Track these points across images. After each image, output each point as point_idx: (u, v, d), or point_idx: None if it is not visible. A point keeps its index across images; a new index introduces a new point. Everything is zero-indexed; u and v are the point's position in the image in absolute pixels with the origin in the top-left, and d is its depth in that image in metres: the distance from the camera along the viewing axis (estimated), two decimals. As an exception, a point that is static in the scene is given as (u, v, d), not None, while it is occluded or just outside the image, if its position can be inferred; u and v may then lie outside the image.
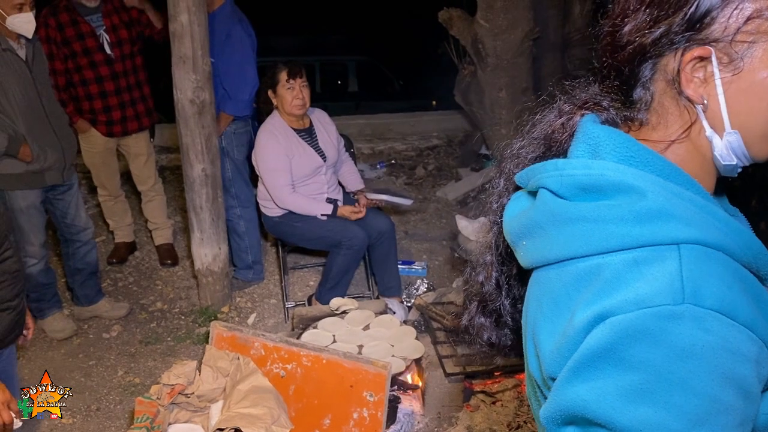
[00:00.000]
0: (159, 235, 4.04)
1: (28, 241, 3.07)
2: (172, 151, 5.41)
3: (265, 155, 3.25)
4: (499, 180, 0.92)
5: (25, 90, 2.88)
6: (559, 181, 0.74)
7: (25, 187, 2.97)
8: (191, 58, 3.03)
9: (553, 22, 4.49)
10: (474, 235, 3.07)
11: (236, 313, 3.55)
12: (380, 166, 5.51)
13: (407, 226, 4.49)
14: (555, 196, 0.75)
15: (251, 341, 2.36)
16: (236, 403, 2.10)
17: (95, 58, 3.49)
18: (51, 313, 3.30)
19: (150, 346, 3.27)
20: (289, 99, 3.23)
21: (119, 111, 3.60)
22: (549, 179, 0.76)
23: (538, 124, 0.89)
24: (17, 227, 3.02)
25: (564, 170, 0.74)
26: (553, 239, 0.74)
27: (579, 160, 0.76)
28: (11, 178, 2.92)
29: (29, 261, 3.09)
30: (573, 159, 0.78)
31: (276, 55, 7.44)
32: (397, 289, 3.46)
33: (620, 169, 0.71)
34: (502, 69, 4.15)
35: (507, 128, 4.42)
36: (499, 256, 0.91)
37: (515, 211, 0.83)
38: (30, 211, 3.03)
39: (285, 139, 3.25)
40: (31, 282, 3.15)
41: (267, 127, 3.30)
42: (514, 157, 0.89)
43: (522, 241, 0.80)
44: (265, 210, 3.40)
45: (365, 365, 2.28)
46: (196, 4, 2.97)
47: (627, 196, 0.69)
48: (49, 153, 2.97)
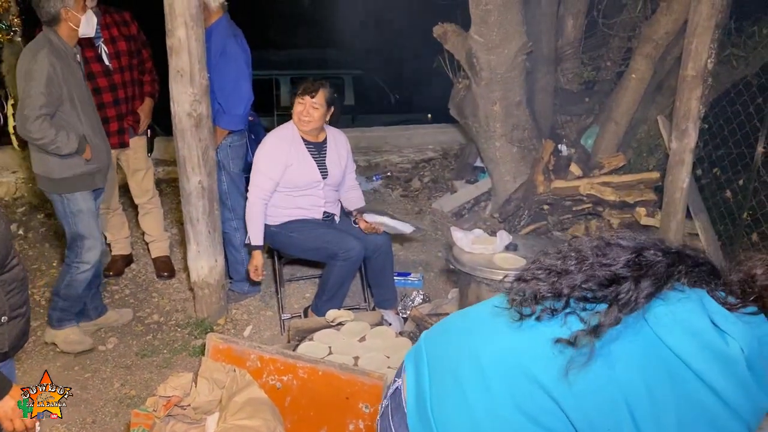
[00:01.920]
0: (156, 248, 4.05)
1: (88, 246, 3.10)
2: (168, 163, 5.43)
3: (261, 156, 3.28)
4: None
5: (83, 92, 2.97)
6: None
7: (83, 188, 3.03)
8: (188, 72, 3.07)
9: (546, 37, 4.54)
10: (469, 247, 3.09)
11: (232, 325, 3.56)
12: (376, 178, 5.54)
13: (403, 238, 4.51)
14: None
15: (247, 353, 2.37)
16: (232, 415, 2.10)
17: (93, 69, 3.51)
18: (70, 325, 3.28)
19: (146, 358, 3.27)
20: (297, 111, 3.28)
21: (116, 122, 3.61)
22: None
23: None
24: (76, 232, 3.06)
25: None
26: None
27: None
28: (72, 180, 2.99)
29: (82, 267, 3.12)
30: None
31: (273, 69, 7.51)
32: (392, 301, 3.48)
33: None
34: (496, 83, 4.19)
35: (501, 141, 4.46)
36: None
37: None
38: (90, 214, 3.08)
39: (290, 147, 3.28)
40: (72, 290, 3.17)
41: (278, 131, 3.37)
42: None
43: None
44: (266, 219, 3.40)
45: (361, 377, 2.29)
46: (193, 18, 3.01)
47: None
48: (101, 154, 3.05)
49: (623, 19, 4.56)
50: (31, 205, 4.89)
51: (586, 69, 4.85)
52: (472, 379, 1.14)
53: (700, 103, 3.39)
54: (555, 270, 1.13)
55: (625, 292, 1.03)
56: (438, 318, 3.34)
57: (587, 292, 1.07)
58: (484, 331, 1.20)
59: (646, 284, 1.03)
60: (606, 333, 1.01)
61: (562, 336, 1.05)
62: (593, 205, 4.22)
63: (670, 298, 1.03)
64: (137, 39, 3.73)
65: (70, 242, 3.13)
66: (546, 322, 1.10)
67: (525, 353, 1.10)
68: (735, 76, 4.19)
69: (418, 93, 7.86)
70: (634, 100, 4.33)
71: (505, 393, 1.09)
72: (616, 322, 1.01)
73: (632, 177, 4.16)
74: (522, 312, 1.13)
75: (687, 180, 3.48)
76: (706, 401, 0.96)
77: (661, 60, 4.23)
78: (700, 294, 1.04)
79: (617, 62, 4.73)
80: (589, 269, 1.09)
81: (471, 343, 1.19)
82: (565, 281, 1.10)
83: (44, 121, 2.80)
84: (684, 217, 3.60)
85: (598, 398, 1.01)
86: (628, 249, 1.08)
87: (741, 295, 1.05)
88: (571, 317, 1.07)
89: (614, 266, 1.07)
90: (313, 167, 3.31)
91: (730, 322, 1.00)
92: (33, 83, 2.77)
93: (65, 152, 2.90)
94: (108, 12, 3.61)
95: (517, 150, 4.50)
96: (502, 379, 1.10)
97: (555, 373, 1.04)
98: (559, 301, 1.09)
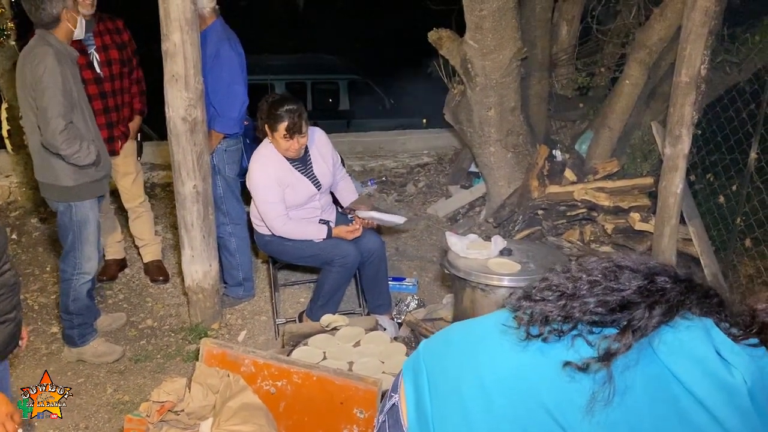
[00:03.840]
0: (147, 252, 4.03)
1: (88, 256, 3.06)
2: (163, 168, 5.42)
3: (257, 187, 3.21)
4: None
5: (85, 98, 2.96)
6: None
7: (91, 195, 3.00)
8: (183, 76, 3.06)
9: (540, 43, 4.56)
10: (463, 252, 3.10)
11: (226, 330, 3.55)
12: (371, 183, 5.55)
13: (398, 242, 4.51)
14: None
15: (241, 358, 2.36)
16: (226, 420, 2.10)
17: (84, 76, 3.47)
18: (93, 338, 3.25)
19: (140, 363, 3.26)
20: (283, 147, 3.16)
21: (106, 130, 3.58)
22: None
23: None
24: (79, 241, 3.01)
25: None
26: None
27: None
28: (82, 187, 2.96)
29: (83, 278, 3.08)
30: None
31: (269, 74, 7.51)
32: (387, 306, 3.48)
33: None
34: (491, 88, 4.20)
35: (496, 146, 4.47)
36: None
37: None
38: (95, 223, 3.05)
39: (277, 170, 3.19)
40: (80, 302, 3.12)
41: (259, 157, 3.23)
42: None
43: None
44: (257, 228, 3.40)
45: (355, 382, 2.29)
46: (188, 23, 3.01)
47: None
48: (105, 159, 3.04)
49: (617, 26, 4.59)
50: (24, 210, 4.87)
51: (580, 75, 4.87)
52: (474, 399, 1.12)
53: (694, 109, 3.40)
54: (566, 292, 1.12)
55: (638, 319, 1.03)
56: (433, 323, 3.34)
57: (596, 316, 1.07)
58: (488, 348, 1.18)
59: (658, 311, 1.03)
60: (618, 359, 1.01)
61: (571, 360, 1.04)
62: (588, 210, 4.23)
63: (678, 326, 1.04)
64: (129, 47, 3.73)
65: (66, 254, 3.06)
66: (552, 344, 1.09)
67: (531, 375, 1.09)
68: (728, 82, 4.22)
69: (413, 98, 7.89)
70: (628, 106, 4.35)
71: (508, 414, 1.08)
72: (627, 349, 1.02)
73: (626, 182, 4.17)
74: (529, 332, 1.11)
75: (681, 185, 3.49)
76: (707, 430, 0.97)
77: (654, 66, 4.25)
78: (706, 323, 1.05)
79: (611, 68, 4.75)
80: (600, 293, 1.09)
81: (474, 361, 1.18)
82: (577, 305, 1.09)
83: (70, 131, 2.77)
84: (678, 222, 3.61)
85: (607, 426, 1.01)
86: (639, 273, 1.09)
87: (744, 327, 1.06)
88: (578, 340, 1.07)
89: (625, 291, 1.07)
90: (306, 183, 3.26)
91: (735, 353, 1.00)
92: (49, 92, 2.72)
93: (85, 162, 2.87)
94: (101, 19, 3.59)
95: (511, 155, 4.51)
96: (505, 400, 1.09)
97: (567, 401, 1.03)
98: (567, 324, 1.09)
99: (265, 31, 9.27)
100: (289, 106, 3.10)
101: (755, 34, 4.04)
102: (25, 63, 2.79)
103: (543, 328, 1.10)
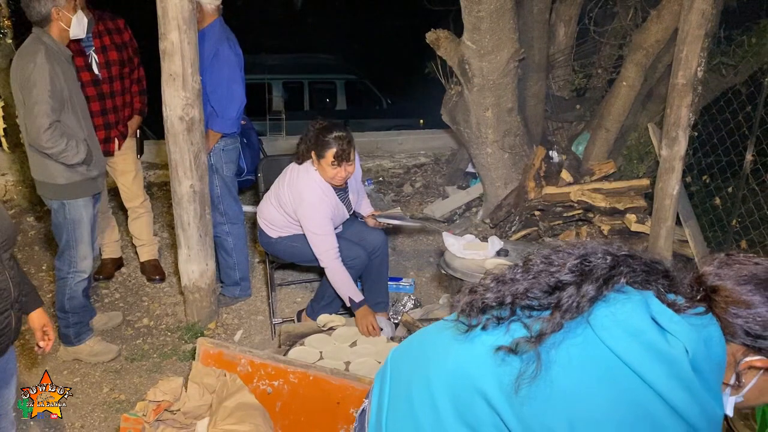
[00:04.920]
0: (144, 252, 4.03)
1: (83, 255, 3.06)
2: (160, 167, 5.41)
3: (314, 218, 3.09)
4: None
5: (79, 95, 2.95)
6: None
7: (86, 193, 3.00)
8: (181, 75, 3.06)
9: (537, 44, 4.57)
10: (460, 252, 3.10)
11: (223, 330, 3.55)
12: (368, 183, 5.55)
13: (395, 242, 4.51)
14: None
15: (238, 358, 2.37)
16: (222, 419, 2.10)
17: (82, 78, 3.46)
18: (88, 337, 3.24)
19: (136, 362, 3.25)
20: (329, 174, 3.06)
21: (103, 131, 3.56)
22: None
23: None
24: (73, 240, 3.02)
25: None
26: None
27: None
28: (76, 185, 2.95)
29: (79, 276, 3.08)
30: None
31: (266, 73, 7.51)
32: (385, 305, 3.48)
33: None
34: (488, 89, 4.21)
35: (493, 147, 4.48)
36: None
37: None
38: (90, 221, 3.05)
39: (326, 200, 3.12)
40: (76, 301, 3.12)
41: (316, 186, 3.10)
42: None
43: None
44: (267, 230, 3.35)
45: (352, 382, 2.29)
46: (186, 22, 3.00)
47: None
48: (99, 158, 3.03)
49: (614, 27, 4.60)
50: (20, 208, 4.86)
51: (577, 76, 4.88)
52: (421, 397, 1.13)
53: (690, 111, 3.42)
54: (502, 280, 1.13)
55: (567, 297, 1.03)
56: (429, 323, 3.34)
57: (533, 300, 1.07)
58: (435, 346, 1.20)
59: (589, 288, 1.03)
60: (548, 338, 1.01)
61: (503, 344, 1.05)
62: (584, 212, 4.24)
63: (612, 300, 1.03)
64: (130, 46, 3.71)
65: (61, 252, 3.06)
66: (491, 331, 1.09)
67: (468, 364, 1.09)
68: (724, 84, 4.24)
69: (411, 98, 7.89)
70: (625, 108, 4.37)
71: (449, 408, 1.08)
72: (558, 328, 1.01)
73: (623, 184, 4.18)
74: (470, 323, 1.13)
75: (677, 187, 3.51)
76: (648, 404, 0.94)
77: (651, 68, 4.26)
78: (646, 296, 1.04)
79: (608, 70, 4.77)
80: (533, 277, 1.09)
81: (422, 360, 1.19)
82: (509, 289, 1.10)
83: (56, 129, 2.76)
84: (674, 223, 3.62)
85: (537, 405, 0.99)
86: (573, 255, 1.08)
87: (689, 295, 1.05)
88: (515, 324, 1.07)
89: (559, 273, 1.07)
90: (343, 210, 3.23)
91: (674, 322, 0.99)
92: (36, 90, 2.72)
93: (73, 162, 2.86)
94: (102, 19, 3.58)
95: (508, 156, 4.52)
96: (447, 394, 1.09)
97: (496, 383, 1.03)
98: (504, 310, 1.09)
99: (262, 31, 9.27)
100: (337, 132, 3.01)
101: (751, 37, 4.06)
102: (18, 61, 2.80)
103: (481, 317, 1.11)
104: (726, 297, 1.02)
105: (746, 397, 1.05)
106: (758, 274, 1.02)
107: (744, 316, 1.00)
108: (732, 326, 1.00)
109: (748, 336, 1.00)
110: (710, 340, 0.99)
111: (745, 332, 1.00)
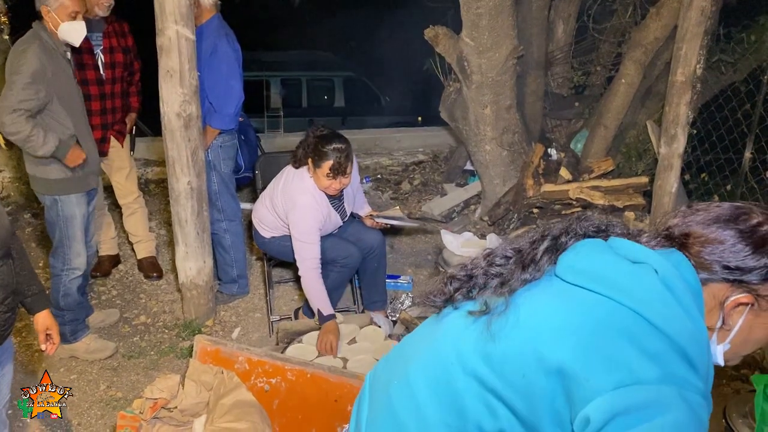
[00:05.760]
0: (141, 249, 4.01)
1: (77, 252, 3.04)
2: (157, 164, 5.40)
3: (302, 225, 3.05)
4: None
5: (72, 91, 2.93)
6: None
7: (78, 189, 2.98)
8: (178, 72, 3.04)
9: (536, 41, 4.56)
10: (458, 250, 3.10)
11: (220, 327, 3.54)
12: (366, 180, 5.54)
13: (393, 240, 4.51)
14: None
15: (235, 355, 2.36)
16: (220, 417, 2.09)
17: (87, 76, 3.47)
18: (85, 334, 3.22)
19: (133, 360, 3.24)
20: (323, 184, 3.04)
21: (99, 131, 3.54)
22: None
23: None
24: (66, 237, 3.00)
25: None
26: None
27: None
28: (64, 182, 2.94)
29: (73, 273, 3.06)
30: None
31: (264, 70, 7.49)
32: (383, 303, 3.47)
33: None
34: (487, 86, 4.20)
35: (491, 144, 4.47)
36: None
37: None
38: (83, 218, 3.03)
39: (318, 209, 3.08)
40: (70, 298, 3.10)
41: (309, 194, 3.07)
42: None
43: None
44: (260, 230, 3.36)
45: (350, 379, 2.29)
46: (183, 18, 2.99)
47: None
48: (92, 155, 3.01)
49: (613, 25, 4.60)
50: (17, 205, 4.84)
51: (576, 73, 4.88)
52: (400, 396, 1.12)
53: (689, 109, 3.41)
54: (474, 266, 1.17)
55: (526, 254, 1.09)
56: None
57: (500, 269, 1.11)
58: (411, 344, 1.22)
59: (545, 241, 1.08)
60: (517, 292, 1.04)
61: (473, 309, 1.08)
62: (582, 209, 4.24)
63: (573, 248, 1.07)
64: (132, 51, 3.72)
65: (55, 249, 3.05)
66: (461, 306, 1.13)
67: (440, 341, 1.11)
68: (723, 82, 4.24)
69: (409, 95, 7.88)
70: (624, 105, 4.36)
71: (428, 394, 1.07)
72: (524, 283, 1.05)
73: (621, 181, 4.18)
74: (441, 306, 1.17)
75: (675, 185, 3.50)
76: (624, 320, 0.93)
77: (650, 65, 4.26)
78: (609, 239, 1.08)
79: (607, 67, 4.76)
80: (502, 248, 1.15)
81: (399, 360, 1.20)
82: (476, 266, 1.15)
83: (20, 115, 2.72)
84: (672, 221, 3.62)
85: (506, 332, 1.00)
86: (534, 234, 1.14)
87: (659, 244, 1.08)
88: (485, 294, 1.10)
89: (519, 244, 1.13)
90: (336, 216, 3.21)
91: (638, 251, 1.02)
92: (17, 77, 2.72)
93: (40, 154, 2.80)
94: (109, 21, 3.58)
95: (506, 153, 4.51)
96: (424, 381, 1.09)
97: (470, 342, 1.04)
98: (474, 287, 1.13)
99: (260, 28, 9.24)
100: (336, 144, 2.97)
101: (751, 34, 4.05)
102: (11, 53, 2.82)
103: (454, 296, 1.14)
104: (697, 239, 1.04)
105: (733, 342, 1.04)
106: (722, 214, 1.04)
107: (718, 252, 1.01)
108: (709, 264, 1.01)
109: (726, 269, 1.00)
110: (680, 264, 1.01)
111: (723, 267, 1.00)
